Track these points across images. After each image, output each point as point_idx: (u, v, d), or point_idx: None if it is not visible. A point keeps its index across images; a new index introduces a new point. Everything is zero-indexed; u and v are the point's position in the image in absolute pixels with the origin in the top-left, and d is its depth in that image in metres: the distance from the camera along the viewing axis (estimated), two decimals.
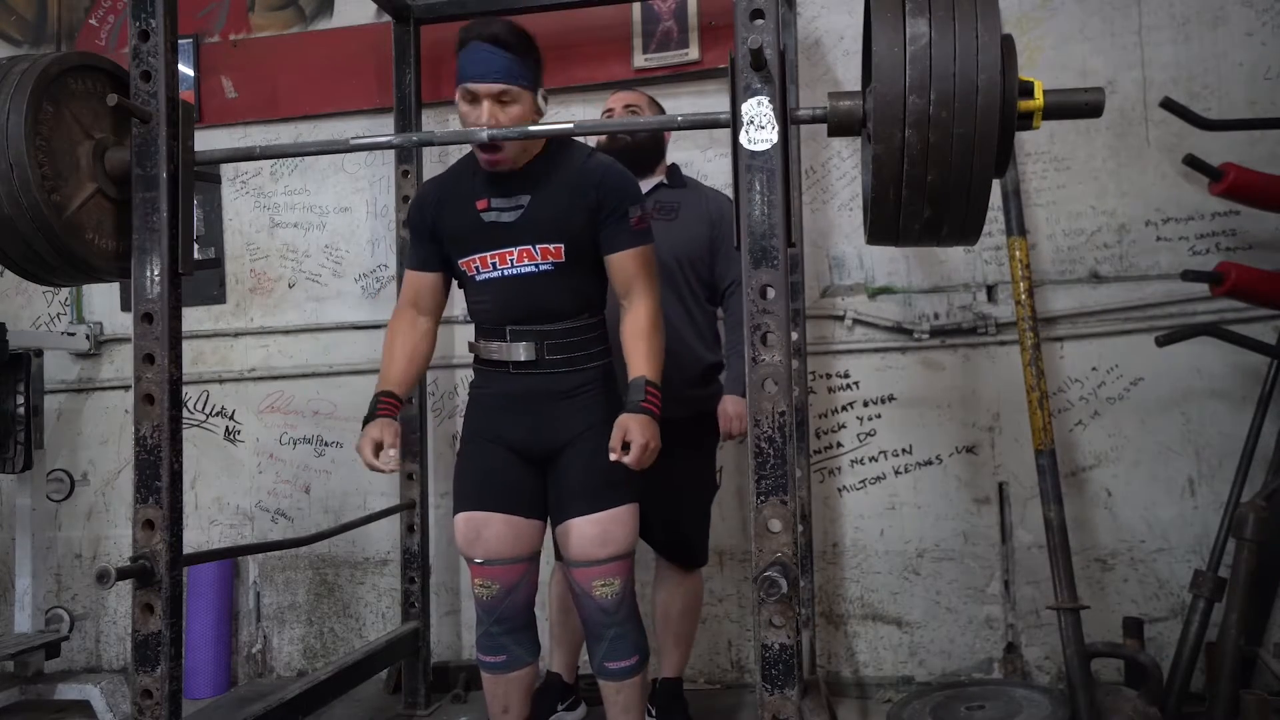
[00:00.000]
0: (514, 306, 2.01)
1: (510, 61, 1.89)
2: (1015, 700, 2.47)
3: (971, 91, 1.39)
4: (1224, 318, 2.66)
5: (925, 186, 1.44)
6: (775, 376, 1.50)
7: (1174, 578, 2.74)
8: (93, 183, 1.77)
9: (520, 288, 1.99)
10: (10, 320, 3.03)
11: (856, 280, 2.97)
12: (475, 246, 2.01)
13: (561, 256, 1.97)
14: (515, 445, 2.03)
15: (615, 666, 2.01)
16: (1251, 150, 2.66)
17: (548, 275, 1.98)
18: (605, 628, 1.99)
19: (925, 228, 1.51)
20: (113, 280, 1.90)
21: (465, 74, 1.90)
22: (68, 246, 1.71)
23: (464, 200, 2.03)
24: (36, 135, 1.66)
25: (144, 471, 1.69)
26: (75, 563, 3.40)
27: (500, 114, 1.89)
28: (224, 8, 3.34)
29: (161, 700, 1.66)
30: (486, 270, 2.01)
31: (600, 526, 1.95)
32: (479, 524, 2.01)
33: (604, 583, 1.96)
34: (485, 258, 2.00)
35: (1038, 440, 2.54)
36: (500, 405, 2.05)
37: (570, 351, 2.01)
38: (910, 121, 1.41)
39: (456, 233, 2.04)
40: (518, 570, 2.02)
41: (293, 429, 3.29)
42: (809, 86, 2.87)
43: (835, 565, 2.94)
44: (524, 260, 1.98)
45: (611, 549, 1.96)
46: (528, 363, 2.00)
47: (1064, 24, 2.85)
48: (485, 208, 2.00)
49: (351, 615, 3.25)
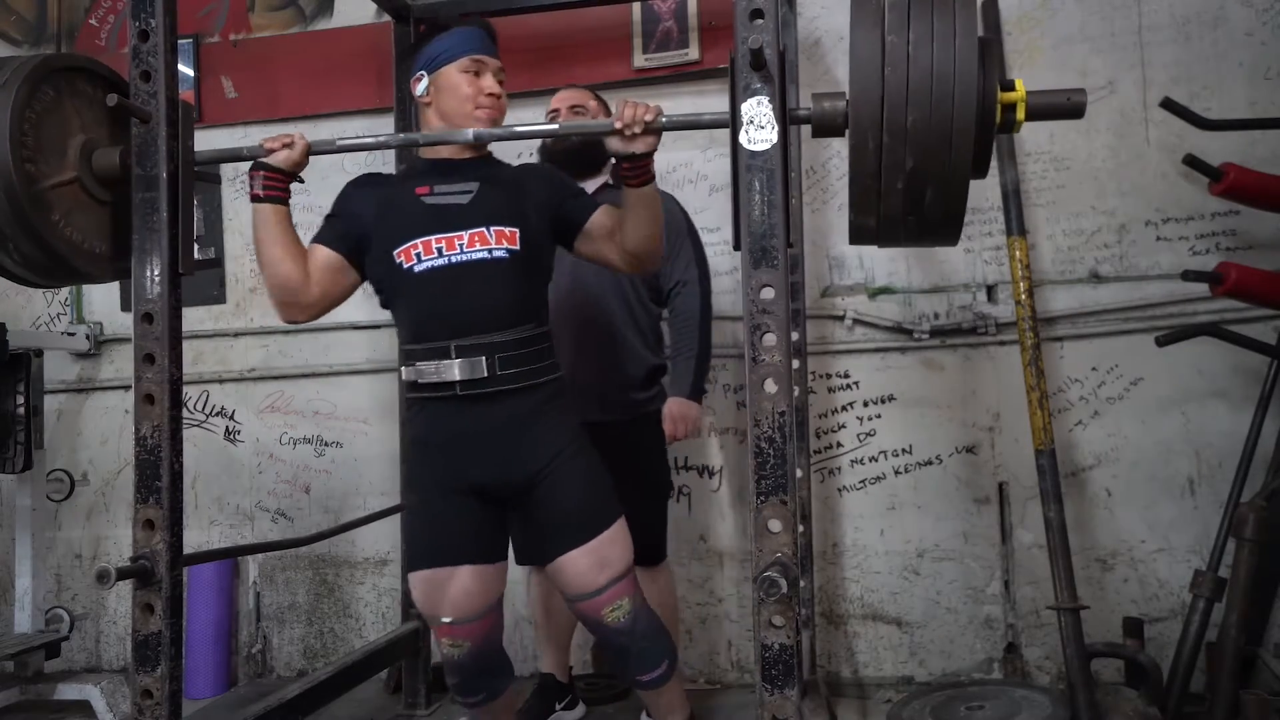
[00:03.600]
0: (459, 309, 1.83)
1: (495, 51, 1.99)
2: (1015, 700, 2.47)
3: (948, 93, 1.40)
4: (1224, 318, 2.65)
5: (902, 187, 1.45)
6: (775, 376, 1.50)
7: (1174, 578, 2.74)
8: (73, 171, 1.76)
9: (468, 280, 1.84)
10: (10, 320, 3.02)
11: (856, 280, 2.97)
12: (416, 230, 1.86)
13: (517, 244, 1.86)
14: (472, 484, 1.87)
15: (648, 678, 1.97)
16: (1251, 150, 2.66)
17: (500, 266, 1.84)
18: (626, 647, 1.92)
19: (905, 228, 1.52)
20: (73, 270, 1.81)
21: (471, 47, 1.92)
22: (29, 218, 1.67)
23: (399, 190, 1.93)
24: (28, 109, 1.67)
25: (144, 471, 1.69)
26: (75, 563, 3.40)
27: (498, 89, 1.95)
28: (224, 8, 3.34)
29: (161, 700, 1.66)
30: (430, 257, 1.84)
31: (596, 554, 1.86)
32: (442, 580, 1.86)
33: (613, 608, 1.88)
34: (429, 242, 1.85)
35: (1038, 440, 2.54)
36: (450, 445, 1.87)
37: (524, 365, 1.85)
38: (887, 121, 1.42)
39: (390, 218, 1.89)
40: (487, 623, 1.92)
41: (293, 429, 3.29)
42: (809, 86, 2.87)
43: (835, 565, 2.94)
44: (475, 245, 1.84)
45: (610, 573, 1.87)
46: (476, 382, 1.81)
47: (1064, 24, 2.85)
48: (427, 192, 1.89)
49: (351, 615, 3.24)
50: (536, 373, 1.87)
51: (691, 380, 2.46)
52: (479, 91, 1.90)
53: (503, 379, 1.83)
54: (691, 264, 2.52)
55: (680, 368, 2.48)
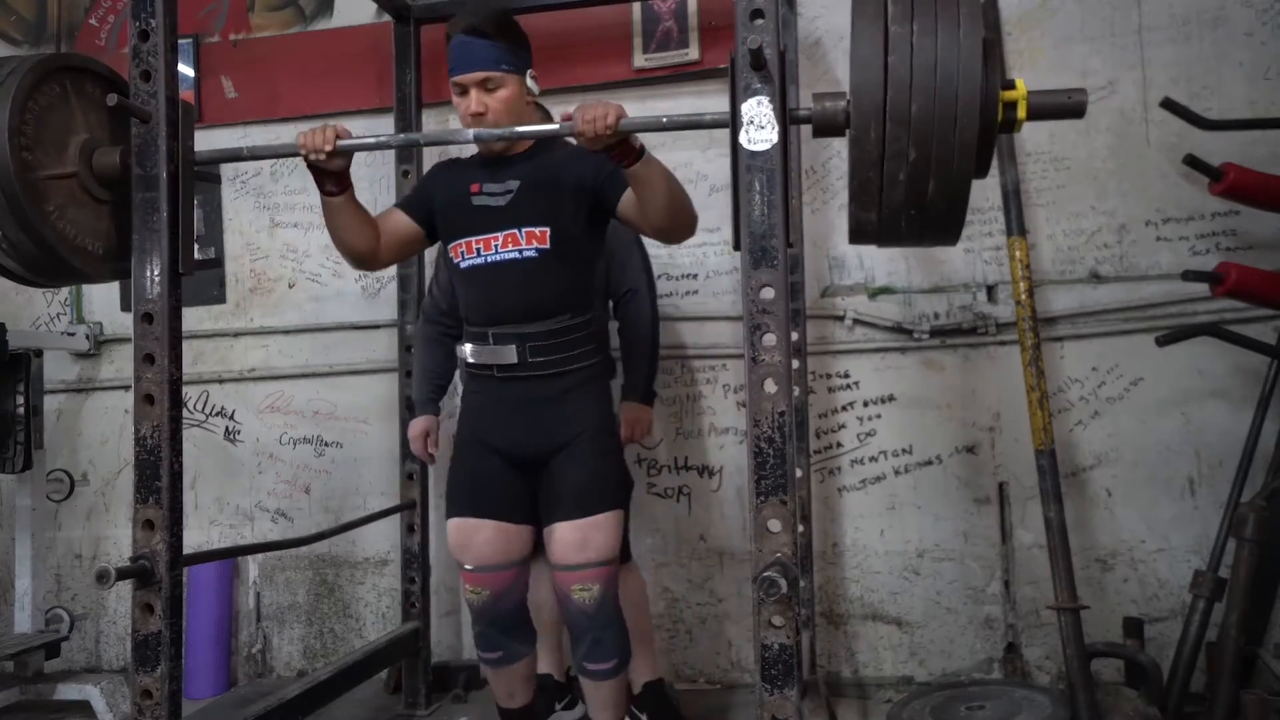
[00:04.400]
0: (495, 301, 2.01)
1: (490, 48, 1.96)
2: (1015, 700, 2.47)
3: (952, 83, 1.39)
4: (1224, 318, 2.65)
5: (904, 187, 1.44)
6: (775, 376, 1.50)
7: (1174, 578, 2.74)
8: (73, 166, 1.77)
9: (502, 277, 2.00)
10: (10, 320, 3.02)
11: (856, 280, 2.97)
12: (463, 230, 2.04)
13: (546, 242, 1.98)
14: (504, 451, 2.06)
15: (594, 668, 2.05)
16: (1251, 150, 2.66)
17: (531, 264, 1.98)
18: (585, 630, 2.02)
19: (905, 228, 1.51)
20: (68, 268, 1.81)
21: (451, 68, 1.99)
22: (20, 204, 1.67)
23: (461, 182, 2.07)
24: (31, 100, 1.68)
25: (144, 471, 1.69)
26: (75, 563, 3.40)
27: (488, 99, 1.96)
28: (224, 8, 3.34)
29: (161, 700, 1.66)
30: (471, 256, 2.02)
31: (581, 532, 1.98)
32: (470, 530, 2.05)
33: (582, 587, 1.98)
34: (471, 243, 2.02)
35: (1038, 440, 2.54)
36: (489, 411, 2.07)
37: (553, 354, 2.01)
38: (889, 122, 1.41)
39: (449, 211, 2.07)
40: (507, 576, 2.06)
41: (293, 429, 3.29)
42: (809, 86, 2.87)
43: (835, 565, 2.94)
44: (508, 246, 1.99)
45: (590, 555, 1.98)
46: (510, 366, 2.01)
47: (1064, 24, 2.85)
48: (477, 191, 2.04)
49: (351, 615, 3.24)
50: (568, 360, 2.02)
51: (644, 384, 2.56)
52: (465, 112, 1.99)
53: (533, 365, 2.00)
54: (640, 271, 2.59)
55: (633, 373, 2.55)
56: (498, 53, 1.97)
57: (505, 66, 1.97)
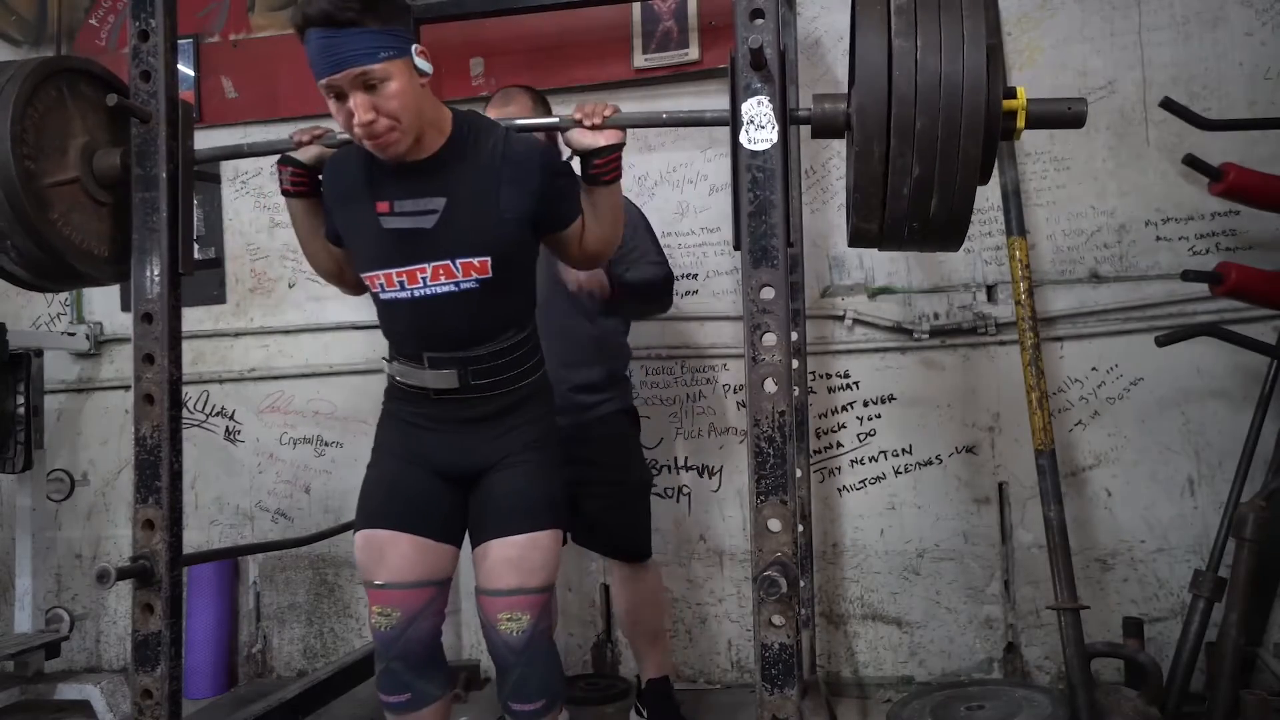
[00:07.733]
0: (428, 333, 1.75)
1: (359, 36, 1.52)
2: (1015, 700, 2.47)
3: (957, 99, 1.39)
4: (1224, 318, 2.66)
5: (907, 192, 1.44)
6: (775, 376, 1.50)
7: (1174, 578, 2.74)
8: (75, 170, 1.77)
9: (434, 312, 1.72)
10: (10, 320, 3.02)
11: (856, 280, 2.97)
12: (377, 260, 1.72)
13: (488, 272, 1.69)
14: (436, 465, 1.82)
15: (519, 708, 1.77)
16: (1251, 150, 2.66)
17: (469, 296, 1.70)
18: (511, 666, 1.76)
19: (908, 234, 1.51)
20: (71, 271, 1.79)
21: (315, 71, 1.55)
22: (28, 215, 1.66)
23: (363, 198, 1.72)
24: (30, 107, 1.68)
25: (144, 471, 1.69)
26: (75, 563, 3.40)
27: (376, 100, 1.56)
28: (224, 8, 3.34)
29: (161, 700, 1.66)
30: (392, 289, 1.72)
31: (517, 550, 1.74)
32: (383, 543, 1.78)
33: (510, 616, 1.73)
34: (390, 275, 1.71)
35: (1038, 440, 2.54)
36: (419, 424, 1.82)
37: (498, 374, 1.77)
38: (893, 138, 1.41)
39: (352, 235, 1.77)
40: (423, 595, 1.78)
41: (293, 429, 3.29)
42: (809, 87, 2.87)
43: (835, 565, 2.94)
44: (439, 279, 1.69)
45: (520, 578, 1.73)
46: (448, 390, 1.76)
47: (1064, 24, 2.85)
48: (386, 211, 1.69)
49: (351, 615, 3.24)
50: (511, 380, 1.80)
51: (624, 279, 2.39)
52: (349, 123, 1.58)
53: (475, 388, 1.77)
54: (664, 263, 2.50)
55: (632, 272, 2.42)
56: (370, 38, 1.53)
57: (385, 54, 1.54)
